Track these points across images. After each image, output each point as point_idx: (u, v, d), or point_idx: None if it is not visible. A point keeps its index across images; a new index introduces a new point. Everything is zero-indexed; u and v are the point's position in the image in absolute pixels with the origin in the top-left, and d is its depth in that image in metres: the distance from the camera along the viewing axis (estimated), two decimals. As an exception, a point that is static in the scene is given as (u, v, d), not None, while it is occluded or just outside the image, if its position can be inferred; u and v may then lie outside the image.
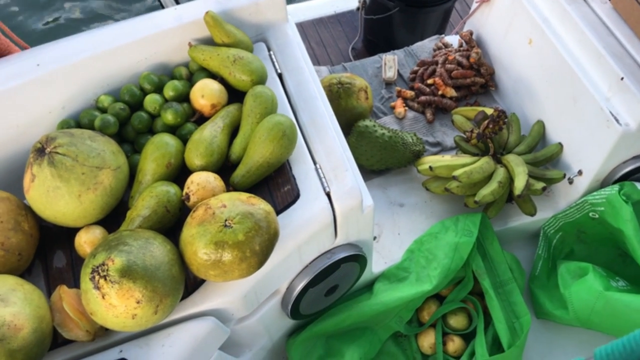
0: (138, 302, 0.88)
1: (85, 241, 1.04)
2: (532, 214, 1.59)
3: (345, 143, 1.23)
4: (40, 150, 0.99)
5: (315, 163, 1.16)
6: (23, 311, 0.91)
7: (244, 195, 0.99)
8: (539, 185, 1.50)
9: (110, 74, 1.22)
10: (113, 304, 0.87)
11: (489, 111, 1.61)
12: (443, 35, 2.11)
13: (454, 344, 1.55)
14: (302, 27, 2.62)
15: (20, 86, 1.14)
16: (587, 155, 1.51)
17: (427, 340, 1.57)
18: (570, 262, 1.54)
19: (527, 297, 1.64)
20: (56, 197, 0.99)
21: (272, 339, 1.41)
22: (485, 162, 1.52)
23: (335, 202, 1.11)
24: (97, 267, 0.88)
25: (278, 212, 1.09)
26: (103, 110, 1.19)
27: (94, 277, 0.87)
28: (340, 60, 2.57)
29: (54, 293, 0.99)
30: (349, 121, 1.66)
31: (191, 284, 1.03)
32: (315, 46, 2.61)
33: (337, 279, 1.31)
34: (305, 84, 1.26)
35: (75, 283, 1.05)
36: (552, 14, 1.54)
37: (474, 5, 1.92)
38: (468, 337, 1.58)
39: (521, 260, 1.64)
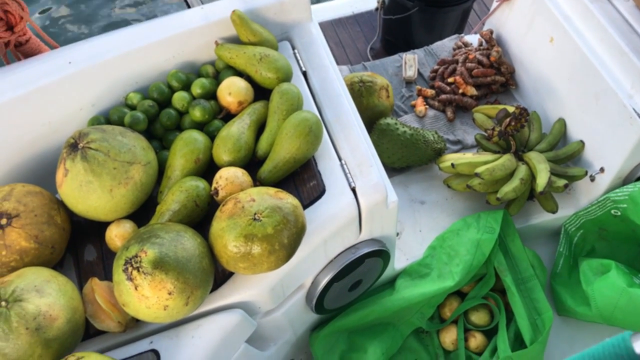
0: (170, 294, 0.90)
1: (116, 235, 1.06)
2: (554, 211, 1.59)
3: (370, 140, 1.25)
4: (73, 146, 1.01)
5: (340, 159, 1.17)
6: (58, 302, 0.93)
7: (272, 190, 1.00)
8: (561, 182, 1.50)
9: (139, 72, 1.25)
10: (145, 295, 0.89)
11: (511, 109, 1.61)
12: (463, 35, 2.12)
13: (476, 340, 1.55)
14: (321, 27, 2.64)
15: (52, 84, 1.17)
16: (609, 153, 1.50)
17: (449, 336, 1.58)
18: (592, 259, 1.54)
19: (548, 295, 1.64)
20: (88, 192, 1.01)
21: (295, 333, 1.43)
22: (507, 159, 1.53)
23: (361, 198, 1.13)
24: (130, 259, 0.90)
25: (304, 207, 1.10)
26: (132, 108, 1.22)
27: (127, 269, 0.89)
28: (358, 60, 2.58)
29: (85, 285, 1.02)
30: (371, 119, 1.68)
31: (220, 277, 1.05)
32: (333, 46, 2.62)
33: (361, 274, 1.32)
34: (330, 82, 1.28)
35: (105, 276, 1.08)
36: (574, 12, 1.54)
37: (494, 4, 1.92)
38: (490, 333, 1.58)
39: (542, 257, 1.64)
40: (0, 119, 1.14)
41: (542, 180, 1.47)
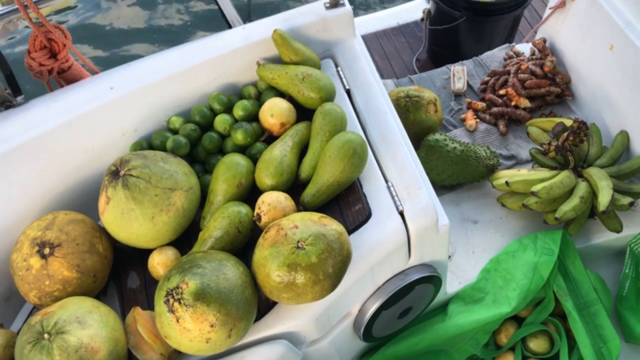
0: (212, 326, 0.87)
1: (159, 262, 1.04)
2: (618, 231, 1.49)
3: (418, 159, 1.20)
4: (114, 173, 1.00)
5: (386, 181, 1.13)
6: (99, 334, 0.92)
7: (315, 216, 0.97)
8: (626, 200, 1.41)
9: (181, 95, 1.24)
10: (187, 327, 0.87)
11: (568, 122, 1.53)
12: (514, 44, 2.04)
13: (535, 368, 1.47)
14: (365, 40, 2.60)
15: (95, 110, 1.17)
16: None
17: (506, 365, 1.49)
18: (661, 281, 1.44)
19: (614, 320, 1.54)
20: (130, 219, 1.00)
21: (343, 362, 1.38)
22: (565, 176, 1.44)
23: (409, 222, 1.08)
24: (172, 291, 0.87)
25: (350, 232, 1.07)
26: (174, 132, 1.21)
27: (168, 300, 0.87)
28: (404, 72, 2.53)
29: (128, 315, 1.00)
30: (418, 135, 1.62)
31: (263, 305, 1.02)
32: (378, 59, 2.58)
33: (411, 300, 1.27)
34: (375, 99, 1.24)
35: (149, 304, 1.06)
36: (637, 18, 1.46)
37: (547, 12, 1.85)
38: (550, 362, 1.49)
39: (606, 279, 1.55)
40: (44, 147, 1.14)
41: (604, 199, 1.38)
